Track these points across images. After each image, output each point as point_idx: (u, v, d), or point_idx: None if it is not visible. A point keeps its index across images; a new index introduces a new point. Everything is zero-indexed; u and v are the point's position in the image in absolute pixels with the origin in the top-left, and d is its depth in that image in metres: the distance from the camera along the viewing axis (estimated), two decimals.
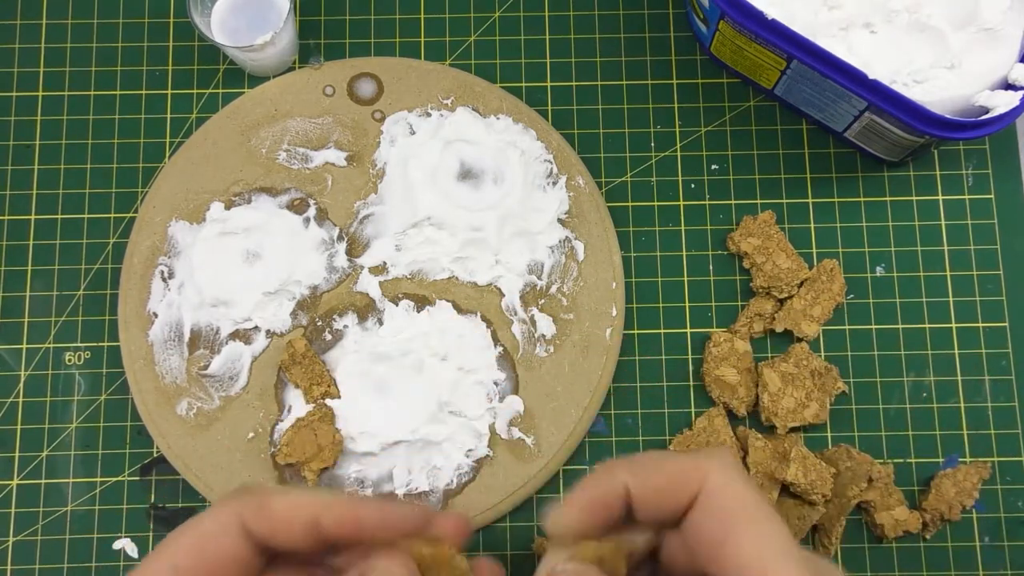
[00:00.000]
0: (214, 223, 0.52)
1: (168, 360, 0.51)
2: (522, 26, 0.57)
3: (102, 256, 0.54)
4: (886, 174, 0.55)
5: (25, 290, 0.53)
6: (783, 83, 0.52)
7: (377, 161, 0.54)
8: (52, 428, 0.52)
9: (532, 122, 0.54)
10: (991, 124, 0.47)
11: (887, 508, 0.50)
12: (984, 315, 0.53)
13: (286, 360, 0.50)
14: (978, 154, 0.56)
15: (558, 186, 0.53)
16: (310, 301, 0.52)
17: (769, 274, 0.52)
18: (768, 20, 0.47)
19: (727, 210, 0.55)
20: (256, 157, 0.54)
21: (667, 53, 0.57)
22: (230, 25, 0.54)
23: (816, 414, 0.50)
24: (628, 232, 0.54)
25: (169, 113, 0.56)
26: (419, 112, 0.54)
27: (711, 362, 0.52)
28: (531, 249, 0.52)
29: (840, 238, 0.54)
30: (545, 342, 0.52)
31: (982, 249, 0.54)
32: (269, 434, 0.50)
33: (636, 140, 0.56)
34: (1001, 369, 0.53)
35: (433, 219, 0.52)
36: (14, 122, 0.56)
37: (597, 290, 0.52)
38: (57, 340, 0.53)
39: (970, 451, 0.52)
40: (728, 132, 0.56)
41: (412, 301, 0.52)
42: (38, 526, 0.51)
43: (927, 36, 0.48)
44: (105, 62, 0.56)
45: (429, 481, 0.49)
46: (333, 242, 0.53)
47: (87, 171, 0.55)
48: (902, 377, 0.53)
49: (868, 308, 0.54)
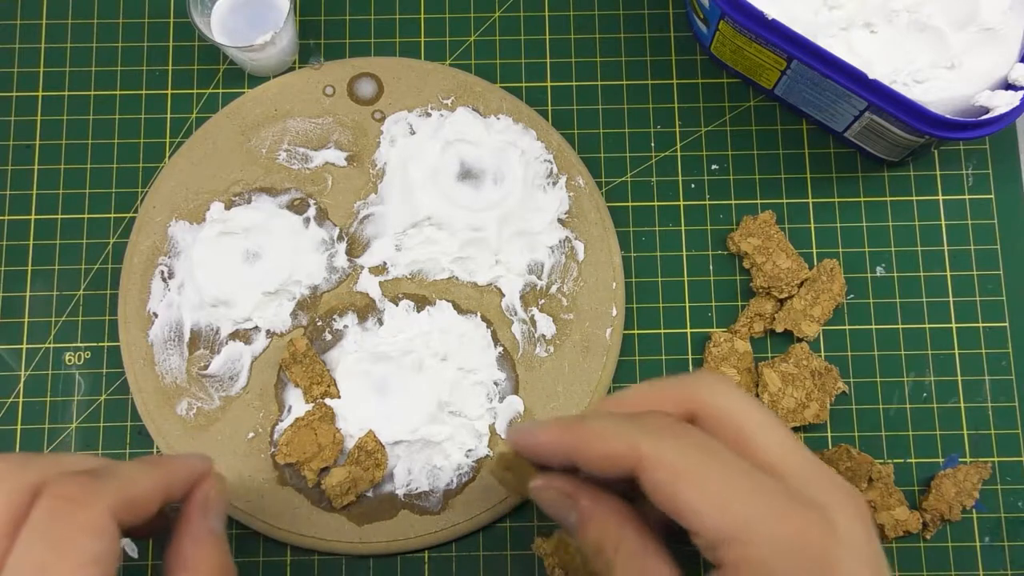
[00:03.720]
0: (214, 223, 0.52)
1: (168, 360, 0.51)
2: (522, 26, 0.57)
3: (102, 256, 0.54)
4: (886, 174, 0.55)
5: (25, 290, 0.53)
6: (783, 83, 0.52)
7: (377, 161, 0.54)
8: (52, 428, 0.52)
9: (532, 122, 0.54)
10: (991, 124, 0.47)
11: (887, 508, 0.50)
12: (984, 315, 0.53)
13: (287, 359, 0.50)
14: (978, 154, 0.56)
15: (558, 186, 0.53)
16: (310, 301, 0.52)
17: (769, 274, 0.52)
18: (768, 20, 0.47)
19: (727, 210, 0.55)
20: (256, 157, 0.54)
21: (667, 53, 0.57)
22: (230, 25, 0.54)
23: (816, 414, 0.50)
24: (628, 232, 0.54)
25: (169, 113, 0.56)
26: (419, 112, 0.54)
27: (711, 362, 0.52)
28: (531, 249, 0.52)
29: (840, 238, 0.54)
30: (545, 342, 0.52)
31: (982, 249, 0.54)
32: (269, 434, 0.50)
33: (636, 140, 0.56)
34: (1001, 369, 0.53)
35: (433, 219, 0.52)
36: (14, 122, 0.56)
37: (597, 290, 0.52)
38: (57, 340, 0.53)
39: (970, 451, 0.52)
40: (728, 132, 0.56)
41: (412, 301, 0.52)
42: None
43: (927, 36, 0.48)
44: (105, 62, 0.56)
45: (429, 481, 0.49)
46: (333, 242, 0.53)
47: (87, 171, 0.55)
48: (902, 377, 0.53)
49: (868, 308, 0.54)
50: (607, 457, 0.32)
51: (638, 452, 0.31)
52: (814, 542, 0.29)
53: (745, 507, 0.29)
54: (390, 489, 0.49)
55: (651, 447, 0.31)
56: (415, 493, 0.49)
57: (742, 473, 0.30)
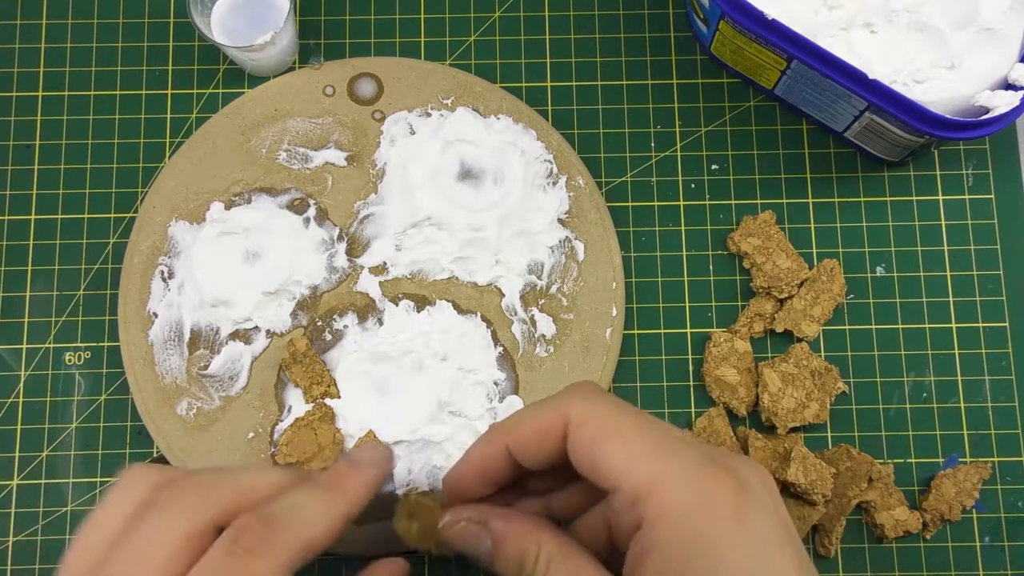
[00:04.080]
0: (214, 223, 0.52)
1: (168, 360, 0.51)
2: (522, 26, 0.57)
3: (102, 256, 0.54)
4: (886, 174, 0.55)
5: (25, 290, 0.53)
6: (783, 83, 0.52)
7: (377, 161, 0.54)
8: (52, 428, 0.52)
9: (532, 122, 0.54)
10: (991, 124, 0.47)
11: (887, 508, 0.50)
12: (984, 315, 0.53)
13: (287, 359, 0.50)
14: (978, 154, 0.56)
15: (558, 186, 0.53)
16: (310, 301, 0.52)
17: (769, 274, 0.52)
18: (768, 20, 0.47)
19: (727, 210, 0.55)
20: (256, 157, 0.54)
21: (667, 53, 0.57)
22: (230, 25, 0.54)
23: (816, 414, 0.50)
24: (628, 232, 0.54)
25: (169, 113, 0.56)
26: (419, 112, 0.54)
27: (711, 362, 0.52)
28: (531, 249, 0.52)
29: (840, 238, 0.54)
30: (545, 342, 0.52)
31: (982, 249, 0.54)
32: (269, 434, 0.50)
33: (636, 140, 0.56)
34: (1001, 369, 0.53)
35: (433, 219, 0.52)
36: (14, 122, 0.56)
37: (597, 290, 0.52)
38: (57, 340, 0.53)
39: (970, 451, 0.52)
40: (728, 132, 0.56)
41: (412, 301, 0.52)
42: (38, 526, 0.51)
43: (927, 36, 0.48)
44: (105, 62, 0.56)
45: (429, 481, 0.49)
46: (333, 242, 0.53)
47: (87, 171, 0.55)
48: (902, 377, 0.53)
49: (868, 308, 0.54)
50: (540, 430, 0.33)
51: (566, 415, 0.33)
52: (728, 496, 0.30)
53: (664, 461, 0.31)
54: (390, 489, 0.49)
55: (578, 409, 0.33)
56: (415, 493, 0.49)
57: (662, 432, 0.32)
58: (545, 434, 0.33)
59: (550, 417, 0.33)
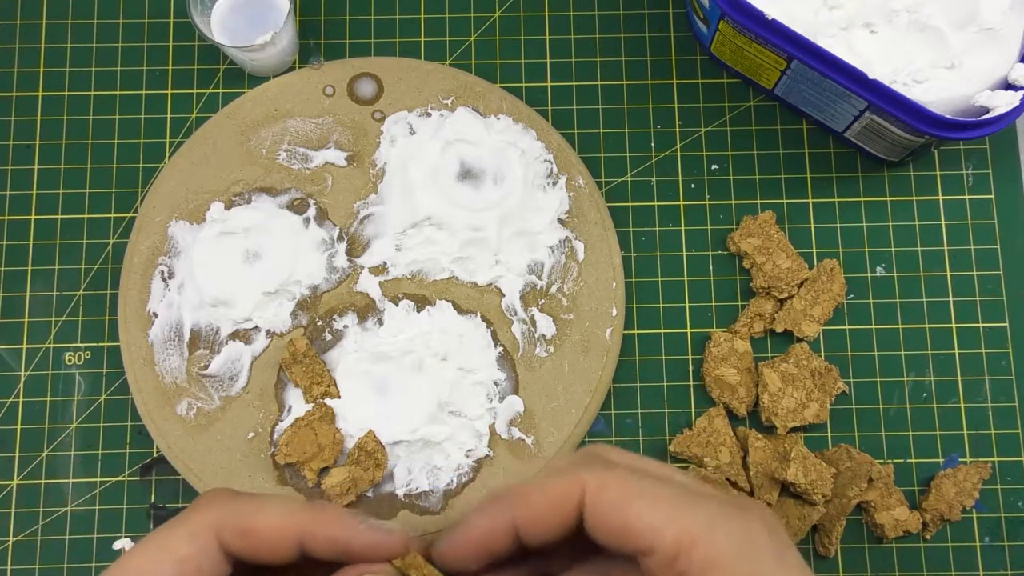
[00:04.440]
0: (214, 223, 0.52)
1: (168, 360, 0.51)
2: (522, 26, 0.57)
3: (102, 256, 0.54)
4: (886, 174, 0.55)
5: (25, 290, 0.53)
6: (783, 83, 0.52)
7: (377, 161, 0.54)
8: (52, 428, 0.52)
9: (532, 122, 0.54)
10: (991, 124, 0.47)
11: (887, 508, 0.50)
12: (984, 315, 0.53)
13: (287, 358, 0.50)
14: (978, 154, 0.56)
15: (558, 186, 0.53)
16: (310, 301, 0.52)
17: (769, 274, 0.52)
18: (768, 20, 0.47)
19: (727, 210, 0.55)
20: (256, 157, 0.54)
21: (667, 53, 0.57)
22: (230, 25, 0.54)
23: (816, 414, 0.50)
24: (628, 232, 0.54)
25: (169, 113, 0.56)
26: (419, 112, 0.54)
27: (711, 362, 0.52)
28: (531, 249, 0.52)
29: (840, 238, 0.54)
30: (545, 342, 0.52)
31: (982, 249, 0.54)
32: (269, 434, 0.50)
33: (636, 140, 0.56)
34: (1001, 369, 0.53)
35: (433, 219, 0.52)
36: (14, 122, 0.56)
37: (597, 290, 0.52)
38: (57, 340, 0.53)
39: (970, 451, 0.52)
40: (728, 132, 0.56)
41: (412, 301, 0.52)
42: (38, 526, 0.51)
43: (927, 36, 0.48)
44: (105, 62, 0.56)
45: (429, 481, 0.49)
46: (333, 242, 0.53)
47: (87, 171, 0.55)
48: (902, 377, 0.53)
49: (868, 308, 0.54)
50: (553, 503, 0.32)
51: (582, 484, 0.31)
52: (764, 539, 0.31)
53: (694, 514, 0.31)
54: (390, 489, 0.49)
55: (593, 476, 0.32)
56: (415, 493, 0.49)
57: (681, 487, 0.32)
58: (559, 506, 0.32)
59: (565, 486, 0.32)
